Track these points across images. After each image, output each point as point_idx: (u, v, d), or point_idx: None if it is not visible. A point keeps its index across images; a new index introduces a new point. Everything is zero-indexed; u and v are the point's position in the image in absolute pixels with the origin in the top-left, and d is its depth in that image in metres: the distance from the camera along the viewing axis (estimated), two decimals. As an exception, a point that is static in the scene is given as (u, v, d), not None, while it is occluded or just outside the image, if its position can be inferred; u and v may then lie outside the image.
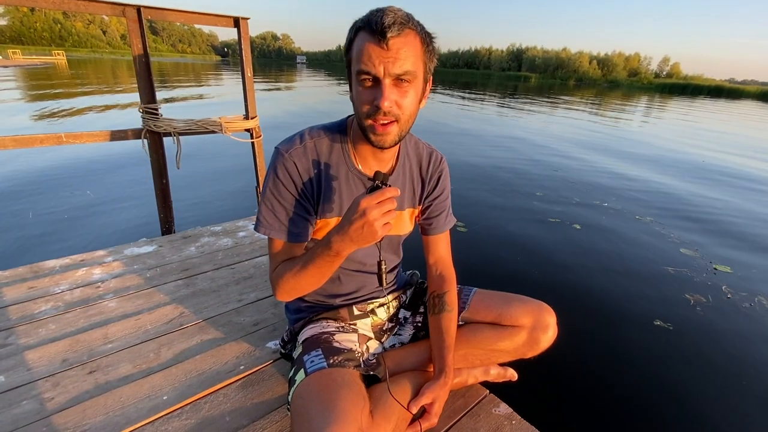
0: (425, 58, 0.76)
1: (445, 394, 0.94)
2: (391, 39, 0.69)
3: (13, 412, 0.99)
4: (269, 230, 0.88)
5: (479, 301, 1.04)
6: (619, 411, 1.57)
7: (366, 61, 0.71)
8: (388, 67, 0.71)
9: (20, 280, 1.54)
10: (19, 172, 4.26)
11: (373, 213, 0.67)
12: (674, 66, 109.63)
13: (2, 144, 1.61)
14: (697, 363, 1.85)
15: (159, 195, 2.08)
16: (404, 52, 0.71)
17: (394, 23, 0.69)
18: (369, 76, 0.72)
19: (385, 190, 0.68)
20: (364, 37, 0.71)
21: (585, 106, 18.60)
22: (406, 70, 0.72)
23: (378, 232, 0.69)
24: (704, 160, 6.91)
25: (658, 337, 2.02)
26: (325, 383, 0.81)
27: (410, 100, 0.76)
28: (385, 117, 0.74)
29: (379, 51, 0.70)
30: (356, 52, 0.73)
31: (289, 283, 0.86)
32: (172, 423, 0.99)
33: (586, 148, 7.25)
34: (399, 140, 0.80)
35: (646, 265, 2.78)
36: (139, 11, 1.75)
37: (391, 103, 0.73)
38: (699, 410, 1.59)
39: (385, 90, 0.72)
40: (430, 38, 0.77)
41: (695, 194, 4.70)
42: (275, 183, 0.86)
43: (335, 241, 0.74)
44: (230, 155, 5.13)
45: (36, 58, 40.50)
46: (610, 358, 1.86)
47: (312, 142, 0.87)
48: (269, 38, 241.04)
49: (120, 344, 1.24)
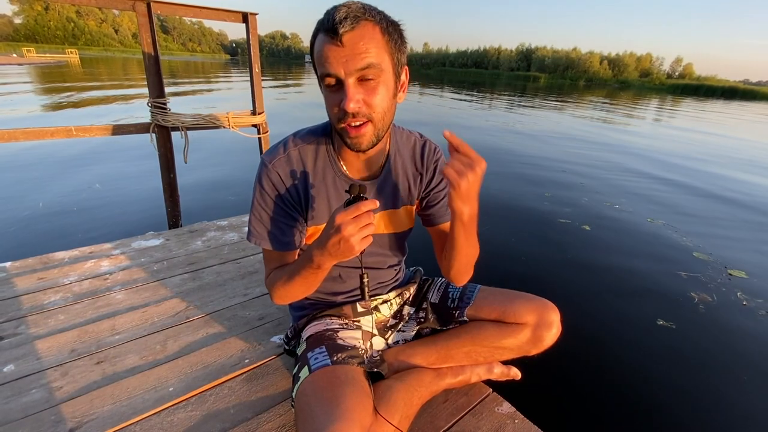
0: (390, 48, 0.71)
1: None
2: (345, 34, 0.65)
3: (23, 400, 1.01)
4: (259, 240, 0.88)
5: (483, 298, 1.03)
6: (623, 410, 1.55)
7: (324, 63, 0.68)
8: (348, 65, 0.67)
9: (30, 270, 1.57)
10: (29, 164, 4.34)
11: (348, 228, 0.65)
12: (687, 66, 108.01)
13: (13, 136, 1.64)
14: (706, 366, 1.82)
15: (166, 189, 2.10)
16: (362, 46, 0.67)
17: (347, 17, 0.65)
18: (332, 78, 0.69)
19: (360, 204, 0.65)
20: (321, 38, 0.68)
21: (594, 106, 18.41)
22: (368, 64, 0.67)
23: (355, 247, 0.66)
24: (723, 165, 6.79)
25: (663, 338, 1.99)
26: (328, 380, 0.81)
27: (380, 96, 0.71)
28: (354, 119, 0.71)
29: (335, 50, 0.67)
30: (317, 54, 0.70)
31: (280, 291, 0.87)
32: (178, 414, 0.99)
33: (595, 148, 7.18)
34: (377, 140, 0.77)
35: (657, 269, 2.73)
36: (149, 5, 1.77)
37: (357, 103, 0.69)
38: (707, 410, 1.57)
39: (349, 90, 0.68)
40: (395, 26, 0.72)
41: (711, 199, 4.57)
42: (261, 194, 0.86)
43: (316, 255, 0.73)
44: (237, 150, 5.17)
45: (50, 56, 41.17)
46: (615, 358, 1.84)
47: (296, 150, 0.86)
48: (278, 37, 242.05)
49: (127, 336, 1.25)
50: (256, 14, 2.06)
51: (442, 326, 1.07)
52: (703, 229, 3.58)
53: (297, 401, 0.82)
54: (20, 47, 54.53)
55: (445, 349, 1.04)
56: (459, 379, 1.07)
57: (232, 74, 27.41)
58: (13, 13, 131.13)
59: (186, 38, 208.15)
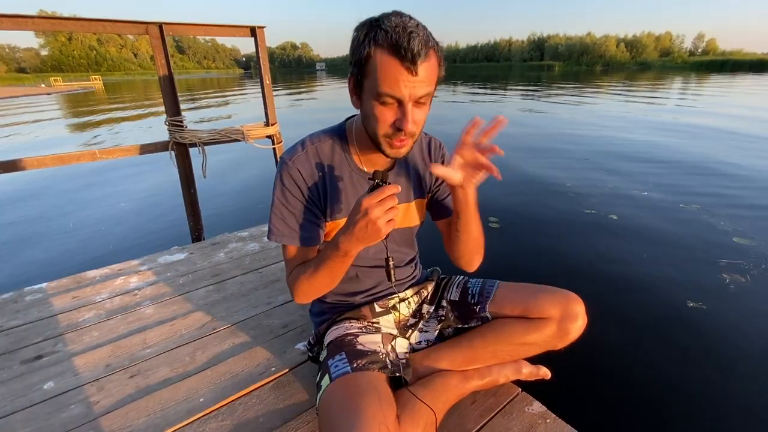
0: (439, 73, 0.76)
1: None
2: (421, 64, 0.68)
3: (63, 415, 1.05)
4: (280, 237, 0.89)
5: (504, 295, 1.01)
6: (660, 402, 1.48)
7: (392, 85, 0.70)
8: (414, 92, 0.70)
9: (65, 290, 1.64)
10: (57, 187, 4.58)
11: (374, 211, 0.68)
12: (710, 42, 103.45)
13: (43, 163, 1.72)
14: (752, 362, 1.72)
15: (188, 204, 2.15)
16: (428, 78, 0.71)
17: (423, 48, 0.68)
18: (393, 99, 0.72)
19: (385, 188, 0.69)
20: (390, 61, 0.68)
21: (613, 90, 17.84)
22: (429, 92, 0.73)
23: (382, 230, 0.69)
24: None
25: (697, 328, 1.89)
26: (349, 389, 0.80)
27: (425, 114, 0.77)
28: (405, 135, 0.75)
29: (407, 76, 0.69)
30: (379, 72, 0.70)
31: (304, 286, 0.88)
32: (210, 424, 1.01)
33: (617, 132, 6.95)
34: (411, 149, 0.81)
35: (693, 256, 2.60)
36: (161, 28, 1.82)
37: (413, 124, 0.74)
38: (752, 405, 1.48)
39: (409, 114, 0.72)
40: (441, 50, 0.76)
41: (752, 179, 4.26)
42: (282, 191, 0.88)
43: (342, 241, 0.75)
44: (253, 162, 5.27)
45: (76, 83, 43.19)
46: (647, 349, 1.76)
47: (314, 148, 0.89)
48: (288, 48, 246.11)
49: (158, 349, 1.29)
50: (264, 27, 2.09)
51: (463, 324, 1.06)
52: (743, 212, 3.35)
53: (320, 411, 0.83)
54: (48, 77, 57.47)
55: (471, 349, 1.02)
56: (486, 380, 1.04)
57: (246, 87, 28.05)
58: (40, 45, 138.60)
59: (201, 56, 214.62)
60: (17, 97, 24.22)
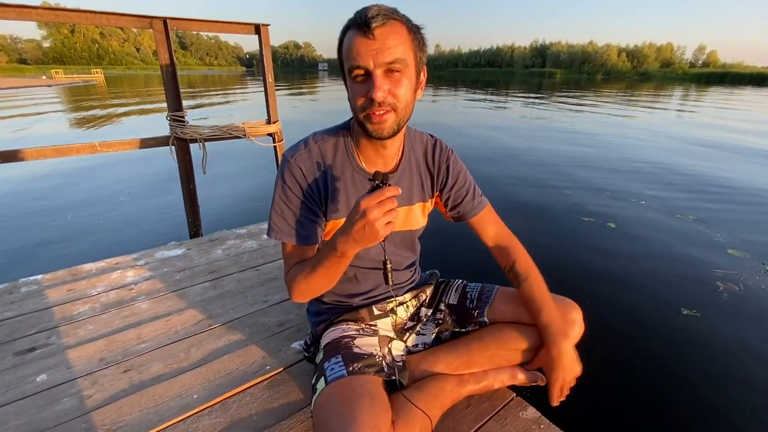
0: (414, 47, 0.77)
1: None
2: (377, 29, 0.70)
3: (55, 408, 1.04)
4: (280, 234, 0.89)
5: (502, 300, 1.02)
6: (653, 410, 1.49)
7: (355, 56, 0.72)
8: (378, 57, 0.72)
9: (60, 282, 1.63)
10: (56, 179, 4.55)
11: (373, 213, 0.67)
12: (711, 54, 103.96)
13: (43, 154, 1.71)
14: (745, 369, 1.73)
15: (187, 199, 2.15)
16: (391, 41, 0.72)
17: (378, 14, 0.71)
18: (360, 71, 0.73)
19: (385, 190, 0.68)
20: (352, 34, 0.73)
21: (614, 99, 17.92)
22: (396, 58, 0.73)
23: (380, 232, 0.69)
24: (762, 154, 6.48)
25: (695, 336, 1.90)
26: (345, 393, 0.80)
27: (404, 88, 0.76)
28: (380, 107, 0.75)
29: (366, 42, 0.71)
30: (346, 49, 0.75)
31: (302, 285, 0.88)
32: (203, 421, 1.01)
33: (616, 141, 6.98)
34: (398, 129, 0.80)
35: (688, 266, 2.61)
36: (165, 22, 1.82)
37: (384, 93, 0.74)
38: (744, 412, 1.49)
39: (377, 81, 0.73)
40: (418, 29, 0.78)
41: (749, 191, 4.31)
42: (283, 188, 0.88)
43: (340, 242, 0.75)
44: (254, 159, 5.26)
45: (77, 76, 43.05)
46: (644, 357, 1.77)
47: (316, 146, 0.89)
48: (291, 47, 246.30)
49: (152, 344, 1.28)
50: (268, 25, 2.09)
51: (460, 328, 1.06)
52: (738, 226, 3.38)
53: (315, 414, 0.82)
54: (49, 69, 57.30)
55: (468, 354, 1.02)
56: (482, 385, 1.04)
57: (247, 85, 28.05)
58: (42, 37, 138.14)
59: (203, 53, 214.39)
60: (18, 88, 24.14)
